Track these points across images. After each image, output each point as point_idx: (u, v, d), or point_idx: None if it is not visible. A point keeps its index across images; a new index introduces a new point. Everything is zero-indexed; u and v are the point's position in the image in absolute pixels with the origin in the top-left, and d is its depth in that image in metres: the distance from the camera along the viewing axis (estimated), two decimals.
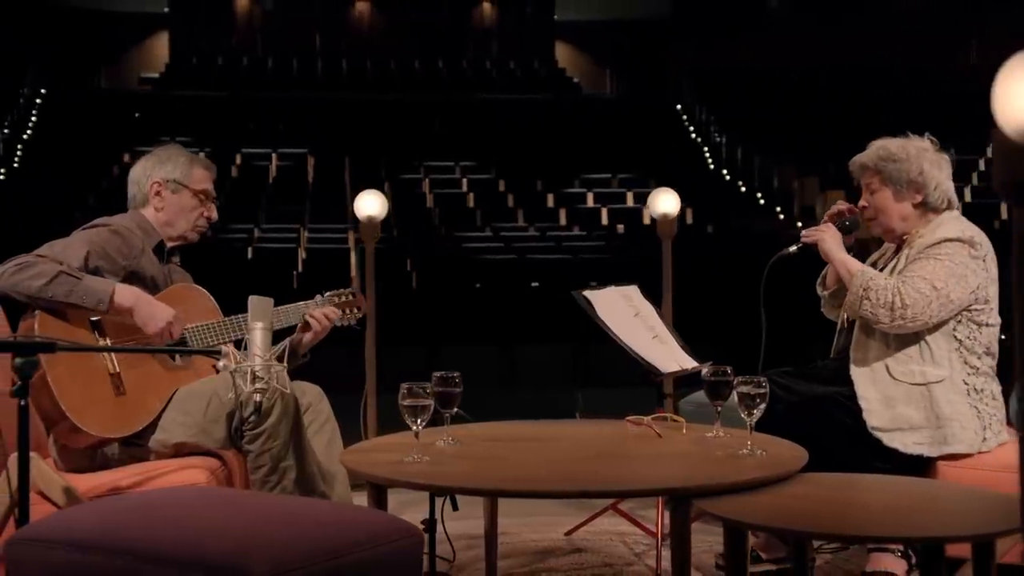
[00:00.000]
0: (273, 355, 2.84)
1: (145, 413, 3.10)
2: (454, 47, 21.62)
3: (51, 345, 2.59)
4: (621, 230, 13.24)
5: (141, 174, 3.43)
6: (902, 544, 3.06)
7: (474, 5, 22.23)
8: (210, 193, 3.46)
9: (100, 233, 3.22)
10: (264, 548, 2.10)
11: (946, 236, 3.23)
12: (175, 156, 3.44)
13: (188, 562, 2.09)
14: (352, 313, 3.53)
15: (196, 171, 3.42)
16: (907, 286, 3.16)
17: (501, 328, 9.53)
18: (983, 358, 3.25)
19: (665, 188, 4.69)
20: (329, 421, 3.37)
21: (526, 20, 22.04)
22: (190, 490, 2.65)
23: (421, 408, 2.72)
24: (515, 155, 15.96)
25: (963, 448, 3.14)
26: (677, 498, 2.51)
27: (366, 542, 2.24)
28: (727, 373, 2.94)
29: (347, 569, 2.19)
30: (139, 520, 2.27)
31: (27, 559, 2.30)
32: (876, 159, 3.37)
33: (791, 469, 2.60)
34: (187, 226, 3.42)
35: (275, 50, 21.29)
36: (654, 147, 17.01)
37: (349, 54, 21.24)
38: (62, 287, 2.98)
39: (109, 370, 3.06)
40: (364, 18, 22.11)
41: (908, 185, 3.32)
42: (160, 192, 3.38)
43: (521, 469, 2.73)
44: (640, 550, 3.67)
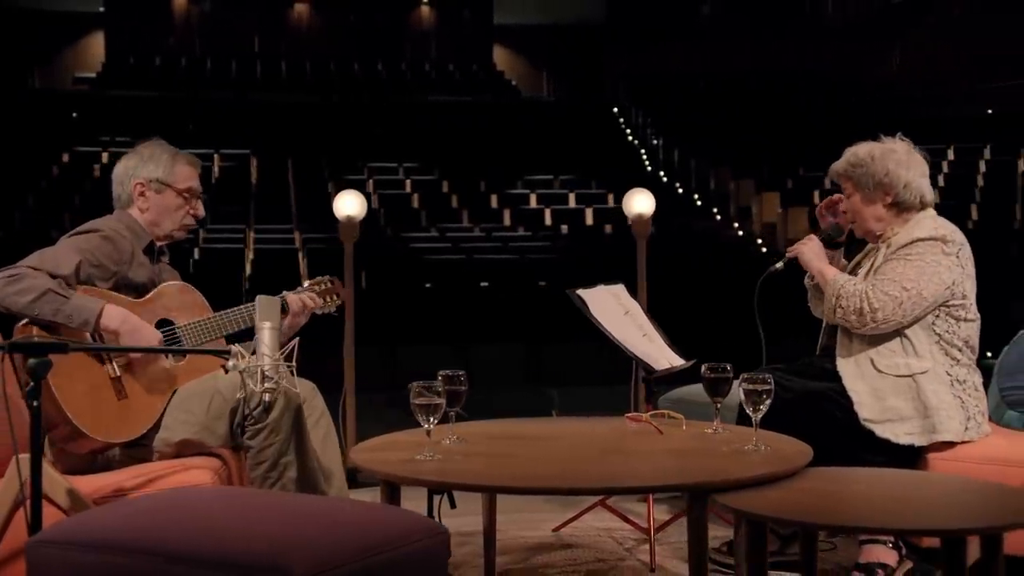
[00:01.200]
0: (282, 355, 2.79)
1: (148, 416, 3.03)
2: (392, 49, 21.51)
3: (63, 346, 2.52)
4: (565, 230, 13.27)
5: (123, 174, 3.32)
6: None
7: (412, 8, 22.15)
8: (195, 190, 3.35)
9: (91, 240, 3.12)
10: (302, 548, 2.06)
11: (919, 236, 3.28)
12: (157, 154, 3.32)
13: (224, 562, 2.04)
14: (331, 300, 3.47)
15: (179, 169, 3.31)
16: (875, 290, 3.23)
17: (454, 328, 9.51)
18: (963, 351, 3.30)
19: (639, 188, 4.73)
20: (324, 417, 3.33)
21: (464, 23, 22.01)
22: (210, 490, 2.59)
23: (434, 407, 2.70)
24: (458, 156, 15.93)
25: (951, 436, 3.19)
26: (695, 493, 2.52)
27: (396, 540, 2.21)
28: (727, 370, 2.96)
29: (379, 567, 2.15)
30: (166, 520, 2.22)
31: (50, 561, 2.23)
32: (845, 166, 3.44)
33: (799, 464, 2.61)
34: (173, 225, 3.31)
35: (213, 51, 21.01)
36: (593, 149, 17.08)
37: (288, 55, 21.04)
38: (49, 305, 2.88)
39: (110, 375, 2.99)
40: (303, 20, 21.92)
41: (876, 187, 3.37)
42: (144, 192, 3.27)
43: (534, 466, 2.72)
44: (629, 545, 3.67)
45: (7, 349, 2.45)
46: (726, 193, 15.73)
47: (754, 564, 2.39)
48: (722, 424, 3.00)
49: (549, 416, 4.96)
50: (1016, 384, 3.47)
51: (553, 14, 22.12)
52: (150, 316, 3.10)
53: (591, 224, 13.75)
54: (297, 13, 21.92)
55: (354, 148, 16.06)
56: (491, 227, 13.25)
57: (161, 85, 19.30)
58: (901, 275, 3.23)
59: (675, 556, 3.53)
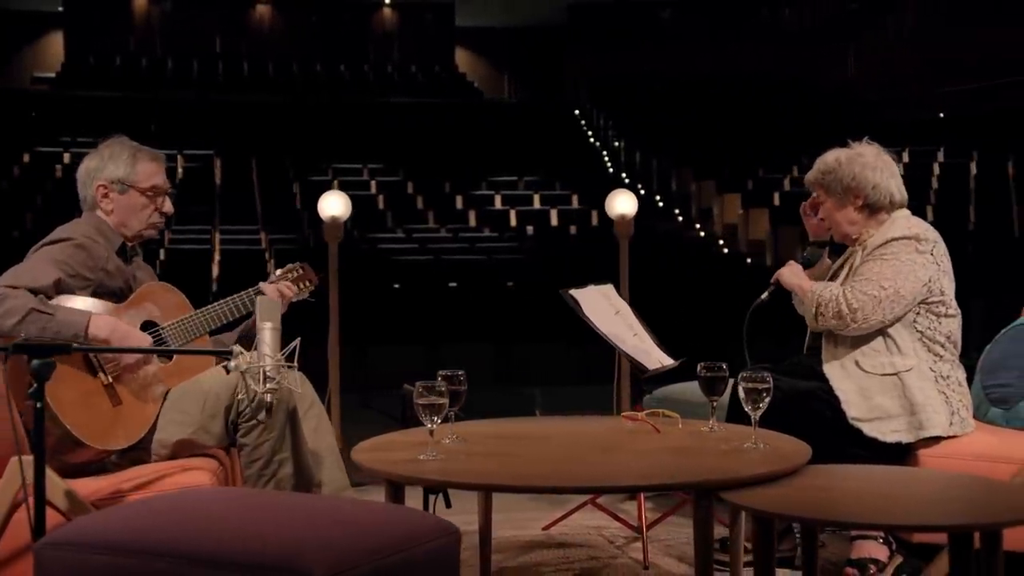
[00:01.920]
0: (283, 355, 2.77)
1: (143, 421, 3.00)
2: (355, 51, 21.41)
3: (67, 346, 2.48)
4: (530, 231, 13.27)
5: (86, 176, 3.24)
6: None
7: (374, 10, 22.05)
8: (160, 187, 3.25)
9: (64, 250, 3.04)
10: (319, 548, 2.04)
11: (893, 236, 3.33)
12: (118, 153, 3.22)
13: (243, 564, 2.01)
14: (306, 286, 3.43)
15: (141, 167, 3.21)
16: (853, 291, 3.27)
17: (424, 328, 9.48)
18: (946, 346, 3.34)
19: (622, 189, 4.73)
20: (314, 406, 3.31)
21: (426, 25, 21.95)
22: (219, 490, 2.56)
23: (437, 407, 2.68)
24: (422, 157, 15.89)
25: (937, 431, 3.23)
26: (701, 491, 2.52)
27: (410, 540, 2.19)
28: (723, 369, 2.98)
29: (396, 567, 2.14)
30: (179, 522, 2.19)
31: (60, 564, 2.19)
32: (816, 174, 3.52)
33: (800, 462, 2.62)
34: (141, 225, 3.23)
35: (174, 51, 20.79)
36: (555, 151, 17.10)
37: (250, 56, 20.87)
38: (35, 325, 2.81)
39: (103, 382, 2.94)
40: (265, 20, 21.75)
41: (845, 191, 3.43)
42: (107, 194, 3.19)
43: (538, 464, 2.71)
44: (620, 543, 3.68)
45: (11, 350, 2.41)
46: (687, 194, 15.81)
47: (762, 561, 2.40)
48: (717, 422, 3.01)
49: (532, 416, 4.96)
50: (998, 382, 3.51)
51: (514, 17, 22.12)
52: (134, 319, 3.06)
53: (556, 225, 13.76)
54: (259, 14, 21.75)
55: (318, 149, 15.97)
56: (457, 228, 13.23)
57: (122, 85, 19.07)
58: (878, 274, 3.27)
59: (666, 554, 3.54)
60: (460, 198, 14.48)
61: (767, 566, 2.40)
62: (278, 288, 3.32)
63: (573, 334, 9.40)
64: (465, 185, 14.82)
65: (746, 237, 14.35)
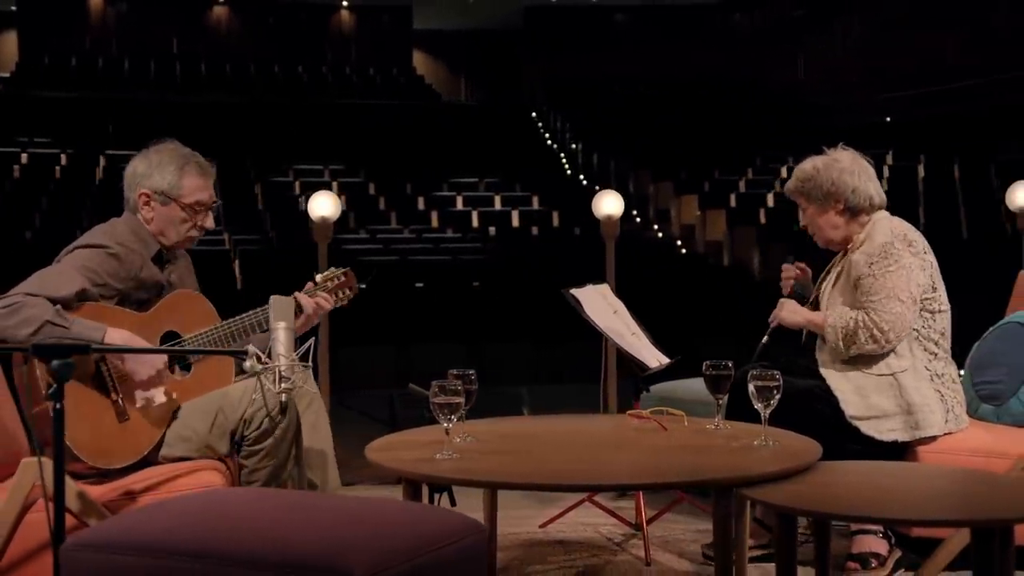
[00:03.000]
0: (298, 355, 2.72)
1: (148, 440, 2.91)
2: (313, 52, 21.25)
3: (85, 347, 2.42)
4: (493, 232, 13.25)
5: (131, 179, 3.15)
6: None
7: (332, 12, 21.91)
8: (203, 203, 3.15)
9: (95, 257, 2.95)
10: (359, 548, 2.01)
11: (883, 240, 3.33)
12: (165, 164, 3.11)
13: (281, 564, 1.98)
14: (344, 295, 3.37)
15: (187, 181, 3.10)
16: (877, 314, 3.25)
17: (393, 329, 9.42)
18: (940, 343, 3.37)
19: (609, 191, 4.73)
20: (315, 402, 3.21)
21: (384, 28, 21.85)
22: (244, 491, 2.52)
23: (454, 406, 2.66)
24: (382, 159, 15.81)
25: (933, 431, 3.25)
26: (721, 489, 2.51)
27: (443, 539, 2.17)
28: (728, 367, 2.98)
29: (430, 566, 2.11)
30: (209, 522, 2.14)
31: (85, 565, 2.14)
32: (795, 183, 3.54)
33: (813, 459, 2.62)
34: (178, 237, 3.14)
35: (131, 51, 20.49)
36: (513, 153, 17.10)
37: (207, 57, 20.63)
38: (49, 337, 2.74)
39: (112, 398, 2.86)
40: (222, 21, 21.53)
41: (826, 197, 3.45)
42: (149, 202, 3.10)
43: (554, 462, 2.69)
44: (619, 540, 3.67)
45: (31, 351, 2.35)
46: (645, 196, 15.87)
47: (785, 557, 2.40)
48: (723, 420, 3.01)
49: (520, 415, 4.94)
50: (987, 379, 3.54)
51: (471, 20, 22.10)
52: (154, 330, 2.97)
53: (517, 226, 13.75)
54: (216, 15, 21.52)
55: (278, 150, 15.83)
56: (420, 229, 13.17)
57: (78, 85, 18.78)
58: (891, 288, 3.26)
59: (665, 550, 3.54)
60: (422, 199, 14.43)
61: (790, 562, 2.41)
62: (317, 301, 3.23)
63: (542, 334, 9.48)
64: (426, 186, 14.77)
65: (704, 238, 14.44)
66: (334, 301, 3.33)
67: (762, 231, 13.72)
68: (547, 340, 9.33)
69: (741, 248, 13.72)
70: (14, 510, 2.65)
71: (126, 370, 2.88)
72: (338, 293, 3.36)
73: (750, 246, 13.61)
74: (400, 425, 4.89)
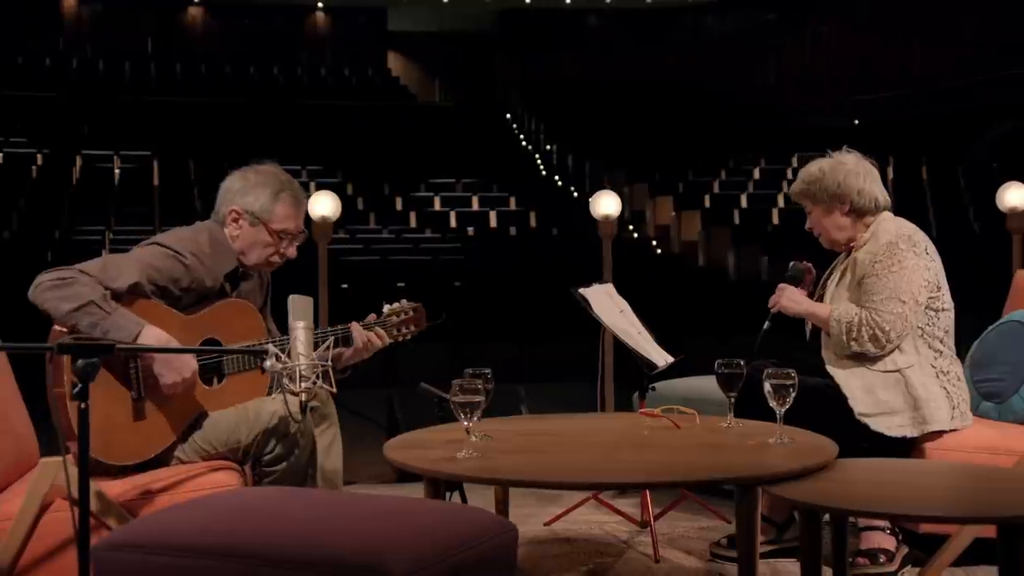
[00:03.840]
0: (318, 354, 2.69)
1: (159, 442, 2.85)
2: (288, 53, 21.12)
3: (110, 347, 2.37)
4: (471, 232, 13.23)
5: (225, 193, 3.11)
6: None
7: (307, 13, 21.79)
8: (290, 232, 3.10)
9: (165, 260, 2.89)
10: (397, 547, 1.99)
11: (887, 240, 3.34)
12: (262, 186, 3.07)
13: (319, 563, 1.96)
14: (408, 331, 3.29)
15: (279, 209, 3.06)
16: (878, 314, 3.26)
17: None
18: (944, 341, 3.37)
19: (607, 191, 4.70)
20: (332, 426, 3.15)
21: (359, 29, 21.75)
22: (276, 490, 2.48)
23: (474, 404, 2.64)
24: (360, 160, 15.73)
25: (940, 426, 3.26)
26: (745, 486, 2.51)
27: (476, 538, 2.15)
28: (740, 366, 2.97)
29: (464, 565, 2.10)
30: (244, 522, 2.12)
31: (119, 565, 2.11)
32: (801, 185, 3.52)
33: (831, 456, 2.62)
34: (258, 259, 3.09)
35: (106, 52, 20.28)
36: (489, 154, 17.08)
37: (182, 58, 20.45)
38: (89, 318, 2.69)
39: (132, 395, 2.81)
40: (197, 22, 21.35)
41: (832, 199, 3.44)
42: (237, 220, 3.06)
43: (578, 460, 2.68)
44: (625, 537, 3.65)
45: (56, 350, 2.31)
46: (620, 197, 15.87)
47: (811, 553, 2.40)
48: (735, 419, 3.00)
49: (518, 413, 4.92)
50: (987, 377, 3.56)
51: (445, 22, 22.06)
52: (196, 334, 2.91)
53: (495, 227, 13.73)
54: (191, 16, 21.35)
55: (256, 151, 15.65)
56: (399, 229, 13.13)
57: (52, 86, 18.55)
58: (893, 288, 3.27)
59: (671, 547, 3.53)
60: (400, 200, 14.38)
61: (816, 559, 2.40)
62: (370, 337, 3.14)
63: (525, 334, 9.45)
64: (404, 187, 14.72)
65: (679, 238, 14.48)
66: (394, 336, 3.24)
67: (736, 232, 13.79)
68: (530, 339, 9.31)
69: (716, 248, 13.77)
70: (32, 510, 2.61)
71: (155, 371, 2.82)
72: (400, 328, 3.27)
73: (725, 246, 13.66)
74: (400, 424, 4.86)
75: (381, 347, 3.21)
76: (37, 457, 3.08)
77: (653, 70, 21.02)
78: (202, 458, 2.90)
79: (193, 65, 20.32)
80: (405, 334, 3.30)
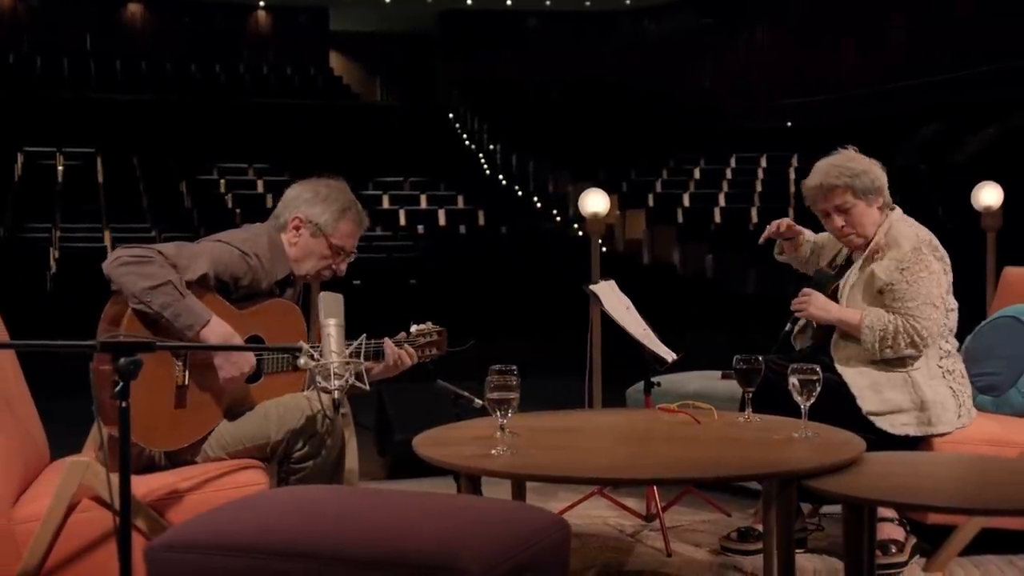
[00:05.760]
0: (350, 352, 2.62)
1: (197, 431, 2.79)
2: (230, 52, 20.79)
3: (150, 344, 2.28)
4: (421, 231, 13.14)
5: (292, 200, 3.07)
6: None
7: (248, 12, 21.48)
8: (347, 250, 3.10)
9: (234, 256, 2.85)
10: (470, 546, 1.93)
11: (912, 246, 3.31)
12: (332, 200, 3.06)
13: (392, 562, 1.89)
14: (430, 352, 3.25)
15: (343, 225, 3.05)
16: (917, 320, 3.23)
17: None
18: (950, 340, 3.39)
19: (595, 189, 4.67)
20: (348, 423, 3.10)
21: (301, 29, 21.50)
22: (328, 489, 2.39)
23: (508, 401, 2.59)
24: (306, 158, 15.51)
25: (946, 428, 3.25)
26: (785, 480, 2.49)
27: (537, 535, 2.10)
28: (759, 361, 2.96)
29: (528, 561, 2.04)
30: (307, 521, 2.03)
31: (174, 566, 2.02)
32: (844, 177, 3.37)
33: (860, 450, 2.60)
34: (310, 270, 3.06)
35: (43, 48, 19.79)
36: (433, 153, 16.99)
37: (122, 55, 20.02)
38: (163, 298, 2.63)
39: (177, 381, 2.73)
40: (137, 19, 20.93)
41: (875, 192, 3.38)
42: (299, 227, 3.02)
43: (615, 456, 2.64)
44: (631, 532, 3.62)
45: (98, 348, 2.20)
46: (565, 196, 15.91)
47: (854, 546, 2.39)
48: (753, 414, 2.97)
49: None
50: (983, 371, 3.59)
51: (386, 22, 21.90)
52: (242, 331, 2.85)
53: (444, 224, 13.66)
54: (130, 12, 20.92)
55: (201, 148, 15.45)
56: None
57: None
58: (927, 294, 3.25)
59: (680, 540, 3.50)
60: None
61: (859, 551, 2.39)
62: (401, 355, 3.11)
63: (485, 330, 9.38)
64: (352, 185, 14.47)
65: (624, 237, 14.54)
66: (419, 357, 3.21)
67: (680, 230, 13.88)
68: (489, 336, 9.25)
69: (661, 246, 13.85)
70: (60, 511, 2.51)
71: (213, 363, 2.75)
72: (424, 350, 3.23)
73: (670, 244, 13.75)
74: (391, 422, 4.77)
75: (409, 366, 3.16)
76: (48, 457, 2.98)
77: (593, 71, 21.10)
78: (228, 454, 2.82)
79: (134, 62, 19.92)
80: (428, 356, 3.26)
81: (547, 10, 21.79)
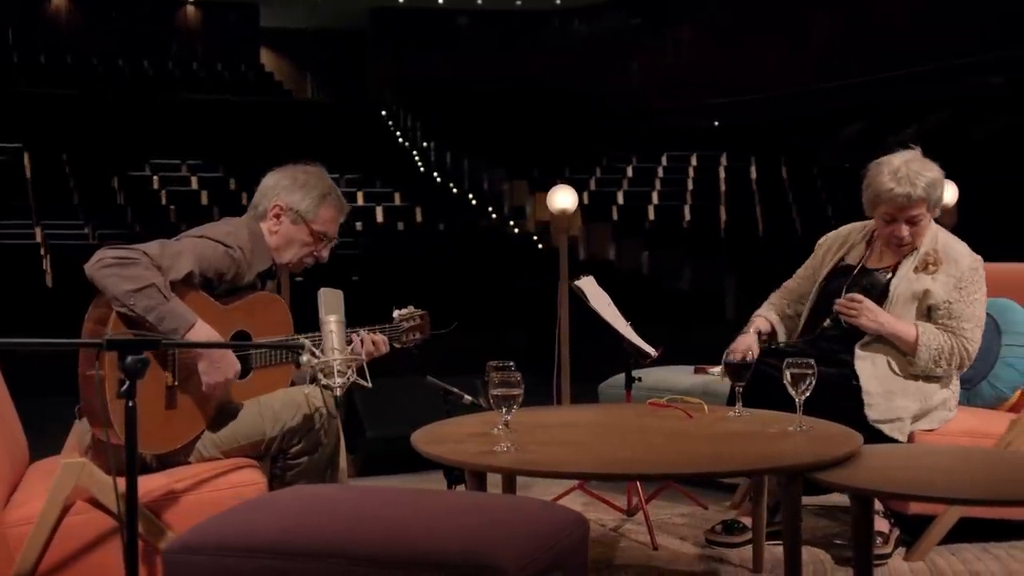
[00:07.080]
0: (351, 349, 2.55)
1: (188, 432, 2.70)
2: (158, 47, 20.36)
3: (156, 342, 2.19)
4: (359, 227, 13.00)
5: (270, 188, 2.98)
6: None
7: (177, 7, 21.06)
8: (328, 236, 3.02)
9: (217, 251, 2.75)
10: (505, 545, 1.89)
11: (969, 264, 3.29)
12: (311, 186, 2.98)
13: (424, 562, 1.84)
14: (413, 337, 3.17)
15: (324, 211, 2.98)
16: (969, 343, 3.24)
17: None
18: None
19: (563, 185, 4.63)
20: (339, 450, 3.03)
21: (230, 24, 21.14)
22: (345, 488, 2.32)
23: (513, 397, 2.54)
24: (240, 154, 15.27)
25: (936, 425, 3.28)
26: (792, 474, 2.48)
27: (560, 532, 2.07)
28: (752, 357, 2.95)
29: (554, 559, 2.01)
30: (332, 522, 1.97)
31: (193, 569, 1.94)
32: (926, 189, 3.25)
33: (858, 444, 2.59)
34: (292, 258, 2.97)
35: None
36: (367, 150, 16.82)
37: (47, 49, 19.48)
38: (146, 300, 2.53)
39: (167, 383, 2.63)
40: (61, 13, 20.39)
41: (939, 203, 3.33)
42: (279, 216, 2.94)
43: (620, 452, 2.60)
44: (613, 526, 3.60)
45: (104, 346, 2.11)
46: (500, 193, 15.87)
47: (863, 538, 2.39)
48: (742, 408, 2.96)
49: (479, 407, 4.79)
50: None
51: (317, 19, 21.65)
52: (228, 327, 2.77)
53: (382, 222, 13.53)
54: (54, 6, 20.36)
55: (132, 144, 15.09)
56: None
57: None
58: (979, 317, 3.27)
59: (663, 533, 3.49)
60: None
61: (867, 543, 2.39)
62: (374, 341, 3.01)
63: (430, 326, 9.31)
64: None
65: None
66: (402, 343, 3.13)
67: (616, 227, 13.94)
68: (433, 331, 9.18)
69: (596, 243, 13.89)
70: (54, 513, 2.40)
71: (198, 368, 2.64)
72: (408, 335, 3.16)
73: (605, 241, 13.79)
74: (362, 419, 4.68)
75: (383, 353, 3.06)
76: (28, 459, 2.86)
77: (523, 71, 21.09)
78: (223, 453, 2.74)
79: (59, 57, 19.40)
80: (411, 340, 3.19)
81: (478, 9, 21.73)
